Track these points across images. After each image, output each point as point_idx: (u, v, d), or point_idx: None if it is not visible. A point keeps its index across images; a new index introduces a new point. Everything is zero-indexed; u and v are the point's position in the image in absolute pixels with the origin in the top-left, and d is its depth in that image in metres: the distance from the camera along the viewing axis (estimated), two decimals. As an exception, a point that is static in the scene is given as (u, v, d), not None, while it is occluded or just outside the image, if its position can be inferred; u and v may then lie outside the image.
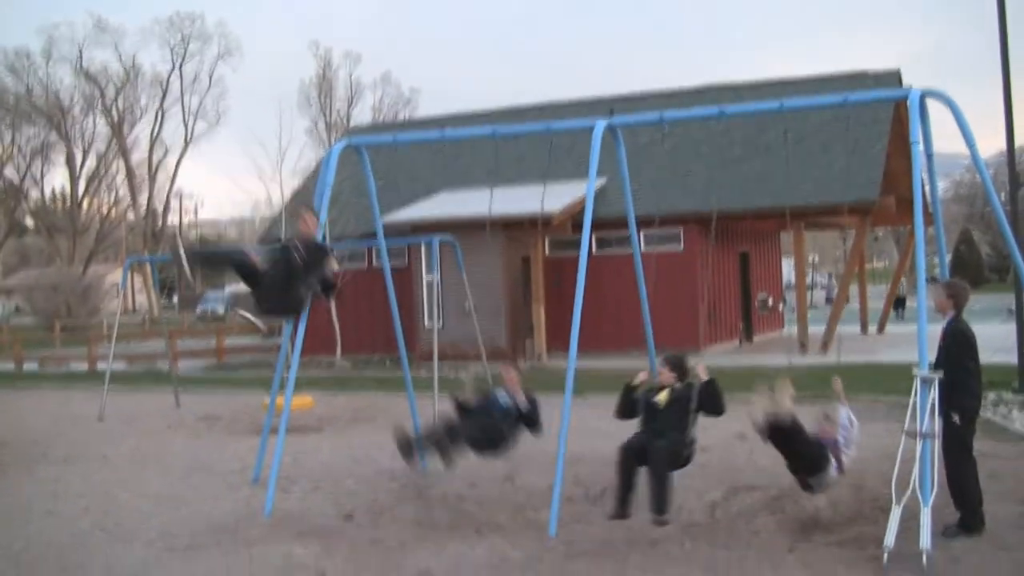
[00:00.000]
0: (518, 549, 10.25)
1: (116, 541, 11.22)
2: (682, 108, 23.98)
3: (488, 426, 12.03)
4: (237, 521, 11.95)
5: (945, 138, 12.47)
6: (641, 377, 11.40)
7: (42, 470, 16.01)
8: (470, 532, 11.05)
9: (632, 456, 10.64)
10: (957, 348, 10.07)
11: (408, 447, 12.14)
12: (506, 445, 12.19)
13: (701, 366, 11.21)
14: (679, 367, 11.20)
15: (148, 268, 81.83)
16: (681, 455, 10.78)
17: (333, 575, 9.58)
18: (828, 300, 62.73)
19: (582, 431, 16.93)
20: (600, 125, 12.14)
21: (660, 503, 10.23)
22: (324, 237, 13.03)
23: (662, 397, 11.00)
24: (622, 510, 10.61)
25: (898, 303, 45.83)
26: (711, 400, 10.94)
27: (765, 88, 35.53)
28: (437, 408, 18.80)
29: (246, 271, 12.29)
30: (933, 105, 11.20)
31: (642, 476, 10.58)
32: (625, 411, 11.48)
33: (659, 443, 10.51)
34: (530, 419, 12.28)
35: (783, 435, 10.64)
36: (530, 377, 14.64)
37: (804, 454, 10.73)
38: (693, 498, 12.06)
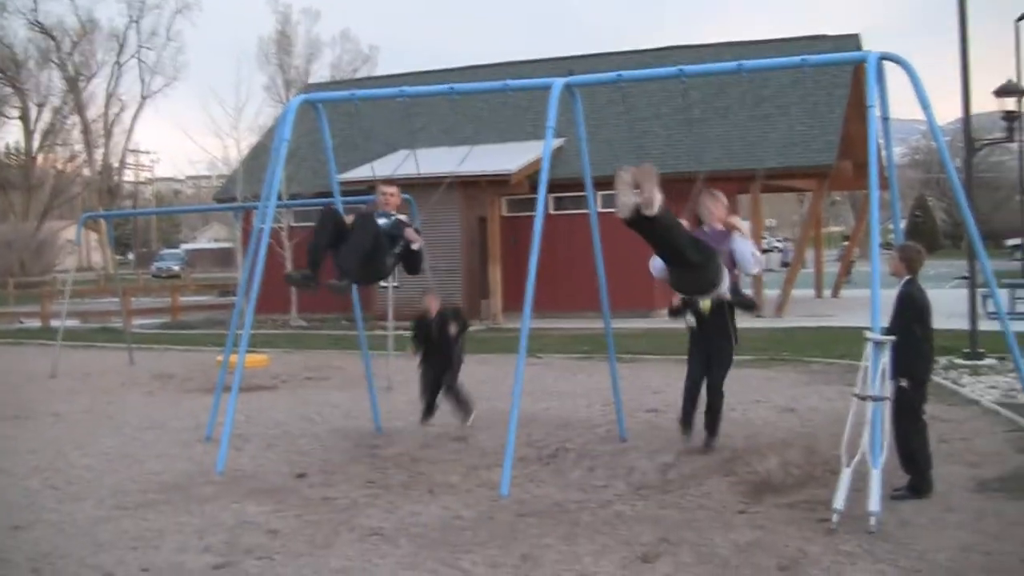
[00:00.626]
0: (470, 509, 10.26)
1: (67, 499, 11.14)
2: (642, 68, 23.96)
3: (366, 241, 12.11)
4: (189, 479, 11.90)
5: (903, 104, 12.57)
6: (676, 301, 12.51)
7: (-7, 427, 15.90)
8: (423, 492, 11.05)
9: (695, 388, 12.27)
10: (907, 312, 10.10)
11: (303, 280, 12.34)
12: (380, 267, 12.49)
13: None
14: None
15: (103, 224, 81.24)
16: (730, 355, 12.40)
17: (285, 533, 9.54)
18: (784, 264, 62.78)
19: (536, 392, 17.03)
20: (558, 84, 12.09)
21: (713, 427, 12.30)
22: (279, 195, 12.97)
23: (706, 305, 12.09)
24: (688, 428, 12.33)
25: (849, 266, 45.94)
26: (743, 304, 12.50)
27: (725, 49, 35.54)
28: (391, 367, 18.82)
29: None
30: (891, 71, 11.23)
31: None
32: (678, 316, 12.62)
33: (713, 379, 12.17)
34: (411, 256, 12.64)
35: (658, 228, 11.02)
36: (485, 338, 14.79)
37: (690, 256, 11.36)
38: (645, 459, 12.10)
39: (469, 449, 13.18)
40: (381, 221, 12.41)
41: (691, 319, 12.28)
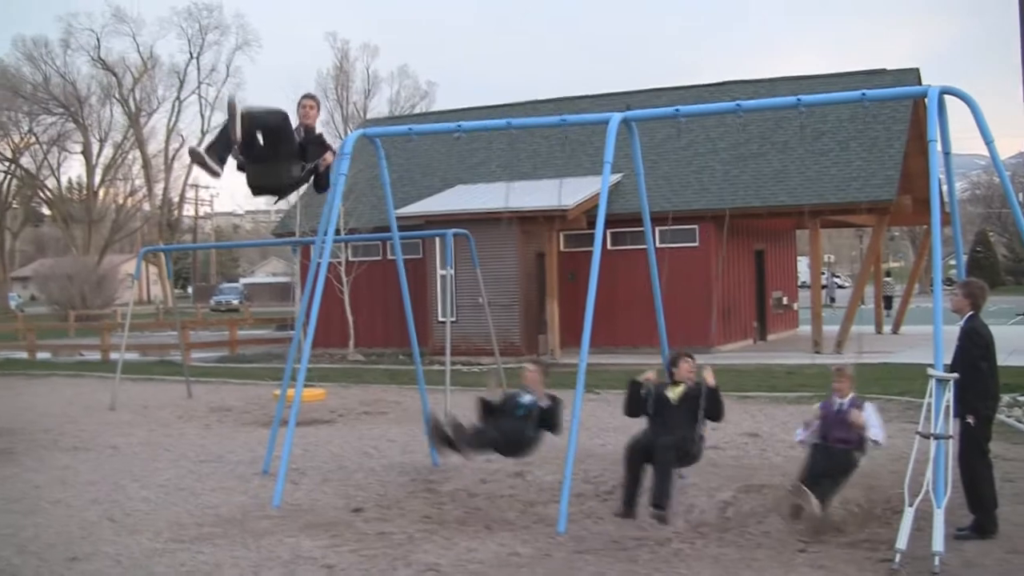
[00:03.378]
0: (527, 545, 10.20)
1: (124, 531, 11.18)
2: (698, 103, 23.86)
3: (510, 429, 11.96)
4: (245, 513, 11.91)
5: (962, 139, 12.40)
6: (648, 375, 11.65)
7: (52, 458, 16.00)
8: (480, 528, 11.00)
9: (639, 453, 11.06)
10: (972, 348, 9.96)
11: (441, 435, 12.00)
12: (529, 447, 12.09)
13: (708, 370, 11.51)
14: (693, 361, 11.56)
15: (163, 258, 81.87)
16: (690, 452, 11.12)
17: (341, 568, 9.52)
18: (831, 300, 60.83)
19: (593, 427, 16.95)
20: (615, 118, 12.05)
21: (661, 496, 10.62)
22: (337, 229, 12.93)
23: (675, 393, 11.31)
24: (628, 509, 10.98)
25: (886, 302, 45.29)
26: (714, 406, 11.31)
27: (782, 84, 35.41)
28: (449, 403, 18.78)
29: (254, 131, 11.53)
30: (951, 105, 11.10)
31: (648, 473, 10.92)
32: (632, 408, 11.74)
33: (665, 439, 10.85)
34: (550, 419, 12.17)
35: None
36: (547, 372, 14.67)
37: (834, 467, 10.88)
38: (704, 497, 11.98)
39: (526, 485, 13.11)
40: (523, 399, 12.04)
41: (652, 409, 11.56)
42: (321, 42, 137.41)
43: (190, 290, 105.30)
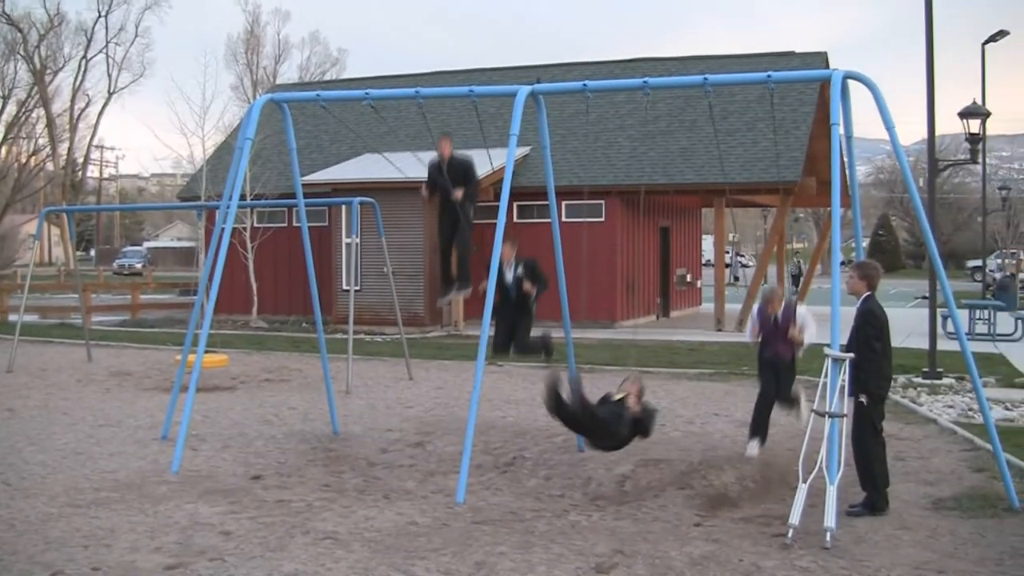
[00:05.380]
0: (425, 515, 10.23)
1: (19, 495, 11.04)
2: (608, 79, 23.94)
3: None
4: (144, 478, 11.82)
5: (870, 123, 12.58)
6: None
7: (-54, 420, 15.76)
8: (378, 497, 11.01)
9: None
10: (867, 328, 10.13)
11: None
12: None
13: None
14: None
15: (65, 219, 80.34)
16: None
17: (238, 535, 9.48)
18: (735, 278, 61.25)
19: (495, 399, 17.02)
20: (523, 91, 12.06)
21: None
22: (242, 194, 12.86)
23: None
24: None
25: (794, 280, 45.93)
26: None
27: (692, 63, 35.63)
28: (351, 373, 18.79)
29: None
30: (858, 90, 11.24)
31: None
32: None
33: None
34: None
35: None
36: (445, 344, 14.76)
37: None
38: (602, 470, 12.11)
39: (426, 455, 13.15)
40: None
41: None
42: (232, 5, 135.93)
43: (93, 253, 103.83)
